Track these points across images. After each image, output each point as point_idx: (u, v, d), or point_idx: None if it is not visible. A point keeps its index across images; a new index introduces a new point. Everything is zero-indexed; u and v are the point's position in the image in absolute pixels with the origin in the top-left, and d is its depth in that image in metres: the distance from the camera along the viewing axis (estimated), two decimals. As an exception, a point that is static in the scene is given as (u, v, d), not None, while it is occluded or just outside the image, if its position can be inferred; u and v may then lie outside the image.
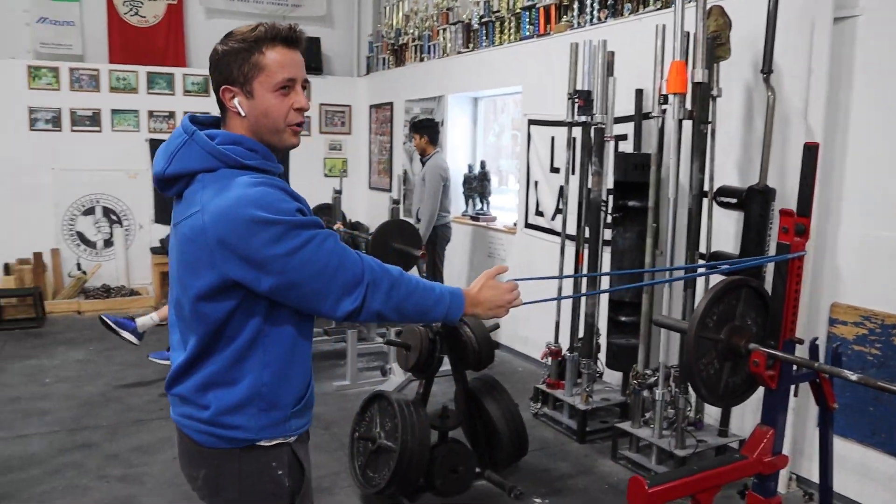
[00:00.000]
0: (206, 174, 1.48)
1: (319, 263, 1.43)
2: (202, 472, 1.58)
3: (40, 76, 6.68)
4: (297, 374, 1.59)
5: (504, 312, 1.68)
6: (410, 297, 1.52)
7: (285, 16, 7.72)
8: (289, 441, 1.60)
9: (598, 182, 4.06)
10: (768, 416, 2.55)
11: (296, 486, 1.63)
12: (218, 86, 1.52)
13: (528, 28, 5.37)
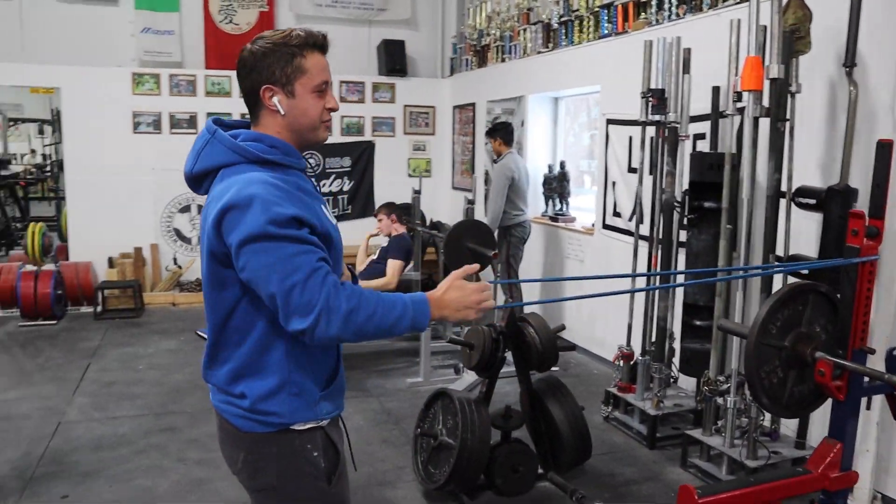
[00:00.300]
0: (226, 169, 1.58)
1: (277, 276, 1.47)
2: (241, 455, 1.67)
3: (143, 82, 7.12)
4: (323, 360, 1.67)
5: (474, 314, 1.62)
6: (370, 321, 1.50)
7: (371, 20, 7.90)
8: (322, 424, 1.68)
9: (671, 182, 3.96)
10: (836, 430, 2.43)
11: (331, 467, 1.70)
12: (257, 85, 1.60)
13: (606, 26, 5.29)
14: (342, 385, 1.76)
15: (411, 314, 1.54)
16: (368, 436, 4.08)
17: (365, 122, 7.90)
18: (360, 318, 1.48)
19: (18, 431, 4.07)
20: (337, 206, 7.89)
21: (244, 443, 1.66)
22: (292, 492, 1.67)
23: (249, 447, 1.66)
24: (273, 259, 1.46)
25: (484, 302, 1.62)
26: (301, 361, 1.62)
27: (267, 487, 1.68)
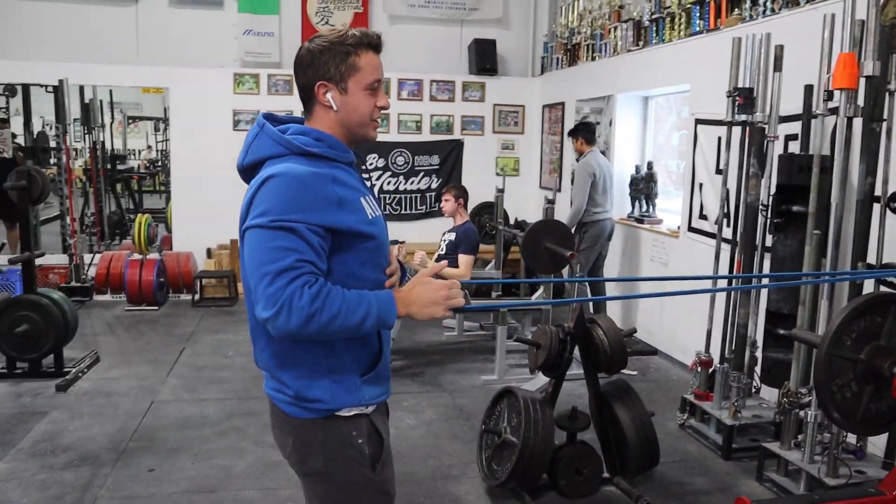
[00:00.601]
0: (273, 160, 1.65)
1: (255, 262, 1.54)
2: (290, 440, 1.74)
3: (243, 82, 7.46)
4: (362, 346, 1.71)
5: (441, 311, 1.63)
6: (334, 321, 1.53)
7: (463, 19, 7.96)
8: (367, 412, 1.73)
9: (755, 185, 3.81)
10: (917, 449, 2.29)
11: (375, 453, 1.74)
12: (312, 81, 1.67)
13: (697, 23, 5.13)
14: (387, 371, 1.81)
15: (376, 313, 1.57)
16: (438, 430, 4.14)
17: (454, 120, 7.97)
18: (323, 318, 1.52)
19: (116, 407, 4.37)
20: (424, 204, 8.01)
21: (293, 428, 1.73)
22: (338, 477, 1.73)
23: (297, 433, 1.72)
24: (258, 247, 1.54)
25: (452, 299, 1.63)
26: (338, 348, 1.67)
27: (314, 472, 1.74)
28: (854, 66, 3.16)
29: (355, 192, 1.70)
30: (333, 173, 1.65)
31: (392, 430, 4.00)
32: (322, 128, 1.70)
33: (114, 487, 3.41)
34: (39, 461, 3.67)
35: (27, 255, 4.76)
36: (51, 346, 4.75)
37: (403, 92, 7.83)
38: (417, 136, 7.92)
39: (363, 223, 1.67)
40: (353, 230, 1.63)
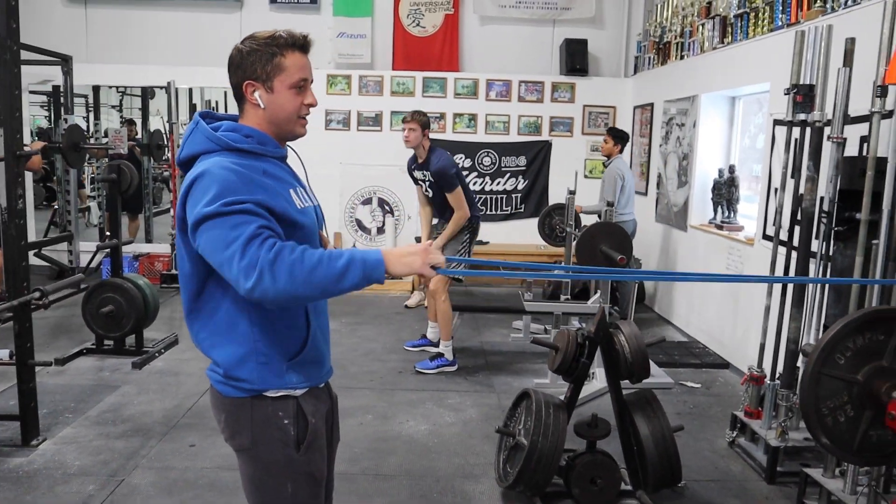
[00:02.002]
0: (204, 156, 1.73)
1: (220, 245, 1.57)
2: (223, 416, 1.83)
3: (336, 83, 7.74)
4: (288, 332, 1.77)
5: (419, 262, 1.66)
6: (316, 270, 1.54)
7: (555, 19, 7.86)
8: (295, 394, 1.79)
9: (811, 189, 3.53)
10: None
11: (301, 435, 1.80)
12: (241, 80, 1.76)
13: (780, 17, 4.81)
14: (316, 359, 1.85)
15: (360, 259, 1.59)
16: (474, 429, 4.12)
17: (543, 121, 7.88)
18: (305, 268, 1.55)
19: (179, 386, 4.67)
20: (510, 205, 7.98)
21: (224, 405, 1.82)
22: (263, 455, 1.80)
23: (228, 410, 1.81)
24: (217, 231, 1.59)
25: (431, 255, 1.67)
26: (267, 333, 1.74)
27: (242, 448, 1.82)
28: (912, 60, 2.87)
29: (285, 184, 1.78)
30: (263, 167, 1.73)
31: (428, 425, 4.12)
32: (252, 124, 1.78)
33: (155, 458, 3.66)
34: (100, 429, 3.99)
35: (114, 243, 5.18)
36: (132, 326, 5.14)
37: (491, 93, 7.84)
38: (505, 137, 7.90)
39: (294, 212, 1.74)
40: (285, 215, 1.69)
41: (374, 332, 6.03)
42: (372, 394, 4.65)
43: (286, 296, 1.55)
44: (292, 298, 1.57)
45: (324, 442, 1.89)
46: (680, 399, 4.71)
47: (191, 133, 1.78)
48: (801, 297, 3.61)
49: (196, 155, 1.75)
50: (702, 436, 4.13)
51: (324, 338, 1.90)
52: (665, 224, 6.65)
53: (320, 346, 1.87)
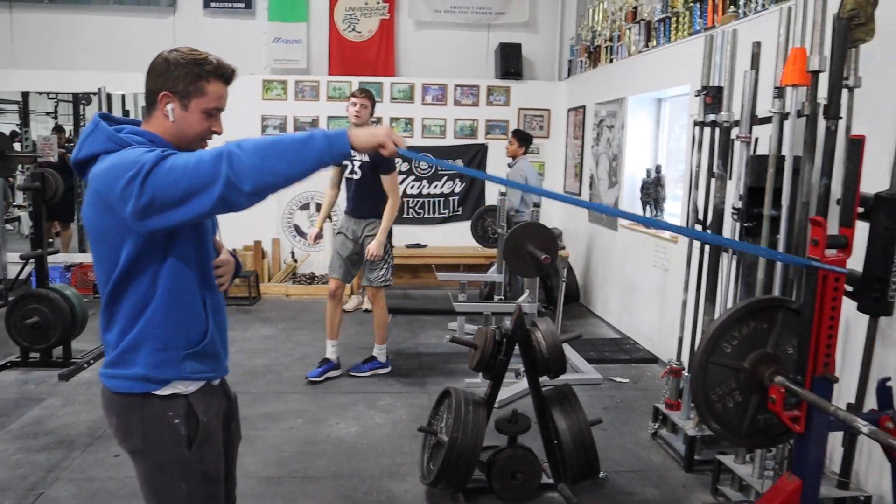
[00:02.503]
0: (105, 155, 1.72)
1: (174, 173, 1.58)
2: (113, 419, 1.83)
3: (272, 88, 7.71)
4: (188, 321, 1.79)
5: (383, 133, 1.68)
6: (279, 144, 1.59)
7: (489, 23, 7.96)
8: (185, 392, 1.80)
9: (720, 187, 3.66)
10: (797, 465, 2.16)
11: (192, 433, 1.81)
12: (159, 89, 1.77)
13: (698, 22, 4.97)
14: (215, 352, 1.86)
15: (321, 132, 1.62)
16: (404, 430, 4.15)
17: (478, 124, 7.97)
18: (269, 140, 1.59)
19: (106, 396, 4.58)
20: (447, 208, 8.05)
21: (116, 407, 1.82)
22: (156, 455, 1.81)
23: (119, 413, 1.81)
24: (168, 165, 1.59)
25: (394, 136, 1.70)
26: (168, 319, 1.75)
27: (135, 450, 1.82)
28: (805, 62, 3.01)
29: None
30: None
31: (358, 427, 4.13)
32: (156, 132, 1.79)
33: (77, 470, 3.59)
34: (21, 443, 3.90)
35: (38, 252, 5.07)
36: (59, 337, 5.03)
37: (427, 97, 7.90)
38: (441, 141, 7.97)
39: None
40: None
41: (309, 338, 6.02)
42: (304, 398, 4.64)
43: (258, 171, 1.56)
44: (264, 172, 1.56)
45: (218, 440, 1.90)
46: (608, 394, 4.82)
47: (90, 133, 1.77)
48: (713, 292, 3.74)
49: (96, 155, 1.74)
50: (626, 429, 4.23)
51: (221, 337, 1.91)
52: (597, 224, 6.80)
53: (217, 344, 1.88)
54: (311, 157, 1.60)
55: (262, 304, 7.25)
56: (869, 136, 3.22)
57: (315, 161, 1.61)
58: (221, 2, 7.72)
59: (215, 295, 1.86)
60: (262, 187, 1.58)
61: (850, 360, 3.29)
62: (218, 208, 1.58)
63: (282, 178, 1.59)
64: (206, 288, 1.82)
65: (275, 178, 1.58)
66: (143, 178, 1.57)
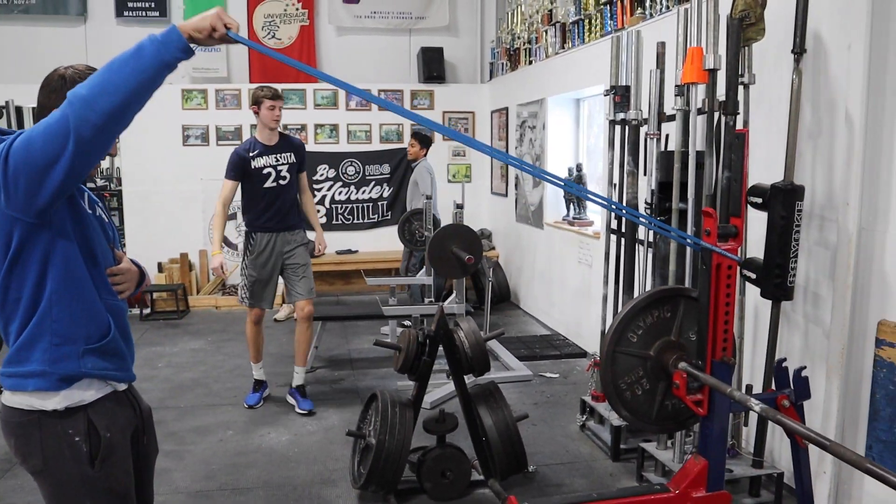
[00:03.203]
0: None
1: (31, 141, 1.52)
2: (12, 440, 1.78)
3: (192, 98, 7.57)
4: (86, 314, 1.74)
5: (214, 16, 1.58)
6: (109, 70, 1.51)
7: (410, 28, 8.01)
8: (83, 402, 1.75)
9: (632, 183, 3.79)
10: (702, 446, 2.27)
11: (94, 450, 1.77)
12: (53, 105, 1.70)
13: (609, 24, 5.13)
14: (119, 351, 1.82)
15: (147, 43, 1.54)
16: (334, 436, 4.15)
17: (404, 129, 8.01)
18: (99, 71, 1.53)
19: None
20: (377, 213, 8.05)
21: (12, 428, 1.77)
22: (58, 475, 1.76)
23: (17, 434, 1.76)
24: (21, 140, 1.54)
25: (226, 18, 1.61)
26: (64, 313, 1.71)
27: (36, 471, 1.78)
28: (702, 61, 3.15)
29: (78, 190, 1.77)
30: None
31: (289, 435, 4.10)
32: None
33: (-7, 498, 3.47)
34: (-68, 474, 3.73)
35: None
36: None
37: (351, 102, 7.89)
38: (367, 146, 7.98)
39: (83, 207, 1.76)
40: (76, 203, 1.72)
41: (240, 349, 5.93)
42: (235, 409, 4.58)
43: (99, 95, 1.50)
44: (104, 94, 1.49)
45: (125, 455, 1.85)
46: (538, 389, 4.92)
47: None
48: (630, 285, 3.87)
49: None
50: (556, 422, 4.33)
51: (125, 339, 1.86)
52: (524, 223, 6.92)
53: (121, 344, 1.84)
54: (147, 64, 1.51)
55: (191, 317, 7.11)
56: (766, 130, 3.44)
57: (154, 65, 1.52)
58: (134, 10, 7.55)
59: (114, 299, 1.83)
60: (110, 111, 1.50)
61: (760, 344, 3.46)
62: (81, 158, 1.52)
63: (125, 95, 1.50)
64: (102, 290, 1.79)
65: (117, 97, 1.50)
66: (3, 157, 1.53)
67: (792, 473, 2.56)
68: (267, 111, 4.48)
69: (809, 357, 3.19)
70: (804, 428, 1.72)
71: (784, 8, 3.16)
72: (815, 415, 3.05)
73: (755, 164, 3.40)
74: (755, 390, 3.27)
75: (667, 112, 3.68)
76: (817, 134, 3.16)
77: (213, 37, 1.60)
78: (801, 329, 3.30)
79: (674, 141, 3.69)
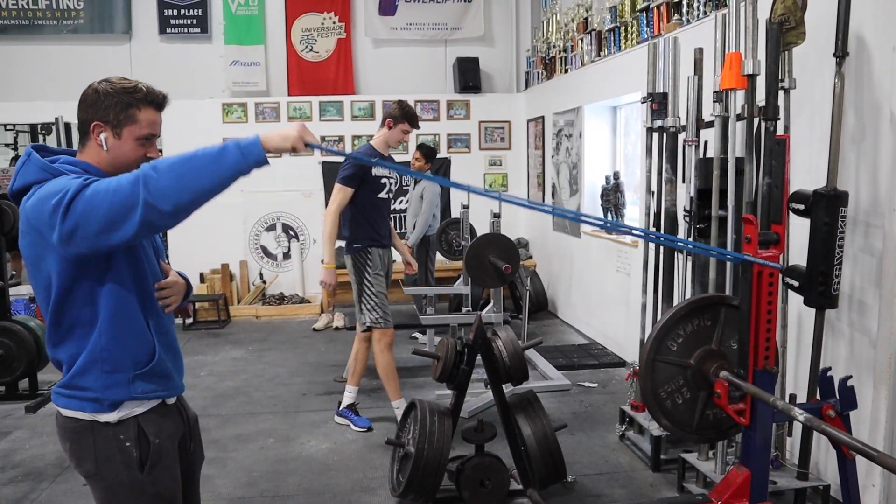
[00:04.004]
0: (38, 185, 1.74)
1: (95, 199, 1.59)
2: (67, 444, 1.85)
3: (232, 111, 7.72)
4: (134, 340, 1.81)
5: (294, 133, 1.70)
6: (191, 162, 1.59)
7: (446, 39, 8.07)
8: (135, 413, 1.82)
9: (670, 191, 3.76)
10: (745, 456, 2.23)
11: (144, 456, 1.83)
12: (91, 119, 1.79)
13: (645, 30, 5.11)
14: (165, 371, 1.88)
15: (234, 143, 1.63)
16: (373, 442, 4.18)
17: (440, 139, 8.05)
18: (182, 158, 1.59)
19: (74, 427, 4.54)
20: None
21: (68, 433, 1.84)
22: (109, 479, 1.82)
23: (72, 437, 1.83)
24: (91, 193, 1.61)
25: (304, 133, 1.71)
26: (113, 342, 1.78)
27: (89, 474, 1.85)
28: (741, 66, 3.12)
29: None
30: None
31: (329, 444, 4.15)
32: (91, 161, 1.82)
33: (45, 501, 3.56)
34: (-13, 478, 3.86)
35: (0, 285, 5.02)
36: (24, 370, 4.98)
37: (388, 113, 7.96)
38: (405, 156, 8.02)
39: None
40: None
41: (279, 358, 6.02)
42: (275, 417, 4.65)
43: (175, 190, 1.57)
44: (181, 191, 1.57)
45: (173, 461, 1.91)
46: (577, 399, 4.89)
47: (23, 165, 1.79)
48: (669, 293, 3.83)
49: (29, 185, 1.76)
50: (595, 432, 4.30)
51: (171, 356, 1.93)
52: (561, 232, 6.89)
53: (167, 363, 1.90)
54: (225, 169, 1.61)
55: (232, 326, 7.23)
56: (807, 136, 3.38)
57: (231, 172, 1.61)
58: (177, 28, 7.73)
59: (159, 317, 1.88)
60: (182, 205, 1.58)
61: (803, 353, 3.40)
62: (142, 232, 1.60)
63: (200, 194, 1.59)
64: (149, 310, 1.85)
65: (193, 195, 1.58)
66: (65, 206, 1.59)
67: (838, 486, 2.51)
68: (400, 134, 4.34)
69: (855, 366, 3.13)
70: (851, 438, 1.69)
71: (825, 11, 3.11)
72: (863, 426, 2.99)
73: (796, 169, 3.35)
74: (799, 401, 3.21)
75: (705, 118, 3.65)
76: (861, 138, 3.11)
77: (295, 151, 1.72)
78: (847, 338, 3.23)
79: (712, 147, 3.67)
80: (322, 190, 7.84)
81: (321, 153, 3.98)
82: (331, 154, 4.33)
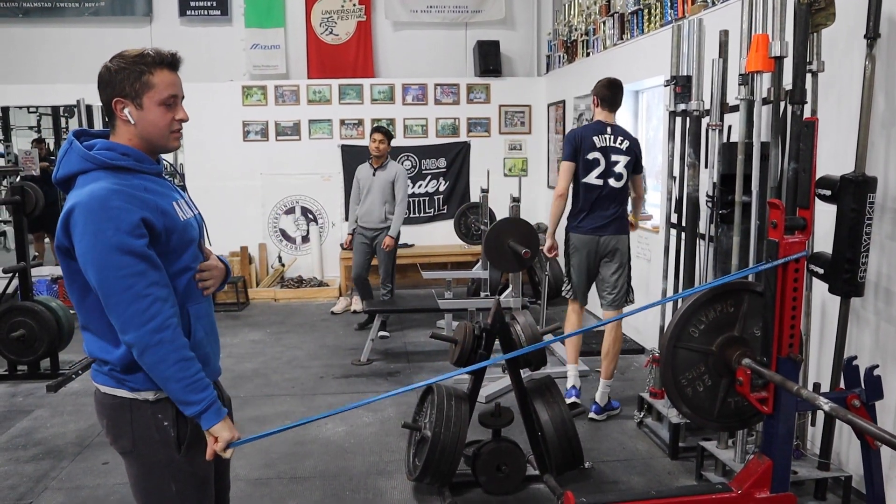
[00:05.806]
0: (82, 175, 1.75)
1: (109, 290, 1.68)
2: (104, 421, 1.87)
3: (252, 94, 7.72)
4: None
5: (227, 436, 1.81)
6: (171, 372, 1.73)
7: (466, 22, 8.00)
8: None
9: (693, 175, 3.70)
10: (766, 445, 2.20)
11: (182, 436, 1.84)
12: (110, 98, 1.79)
13: (668, 13, 5.02)
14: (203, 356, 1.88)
15: (209, 399, 1.77)
16: (390, 427, 4.18)
17: (460, 123, 8.00)
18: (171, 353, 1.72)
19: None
20: (433, 207, 8.07)
21: (106, 409, 1.86)
22: (145, 457, 1.85)
23: (109, 414, 1.85)
24: (108, 273, 1.68)
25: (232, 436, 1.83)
26: None
27: (125, 451, 1.87)
28: (768, 48, 3.05)
29: (167, 197, 1.83)
30: (143, 184, 1.78)
31: (346, 427, 4.16)
32: (124, 141, 1.81)
33: (66, 479, 3.61)
34: (9, 454, 3.91)
35: (21, 265, 5.07)
36: (45, 349, 5.04)
37: (408, 97, 7.93)
38: (423, 140, 8.00)
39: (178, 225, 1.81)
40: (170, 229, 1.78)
41: (298, 340, 6.04)
42: (293, 400, 4.67)
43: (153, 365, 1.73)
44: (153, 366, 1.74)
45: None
46: (595, 385, 4.84)
47: (65, 153, 1.80)
48: (691, 280, 3.78)
49: (73, 174, 1.78)
50: (612, 419, 4.27)
51: (209, 339, 1.95)
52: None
53: (205, 348, 1.91)
54: (183, 395, 1.75)
55: (251, 309, 7.26)
56: (835, 120, 3.31)
57: (181, 396, 1.75)
58: (198, 10, 7.72)
59: (198, 303, 1.88)
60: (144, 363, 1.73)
61: (827, 342, 3.34)
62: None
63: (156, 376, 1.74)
64: (188, 296, 1.85)
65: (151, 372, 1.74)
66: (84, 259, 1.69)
67: (861, 477, 2.46)
68: (608, 113, 4.42)
69: (881, 355, 3.07)
70: (877, 428, 1.65)
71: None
72: (888, 416, 2.93)
73: (822, 154, 3.26)
74: (822, 390, 3.16)
75: (730, 102, 3.58)
76: (891, 123, 3.03)
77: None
78: (872, 326, 3.17)
79: (737, 132, 3.60)
80: (341, 173, 7.83)
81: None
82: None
